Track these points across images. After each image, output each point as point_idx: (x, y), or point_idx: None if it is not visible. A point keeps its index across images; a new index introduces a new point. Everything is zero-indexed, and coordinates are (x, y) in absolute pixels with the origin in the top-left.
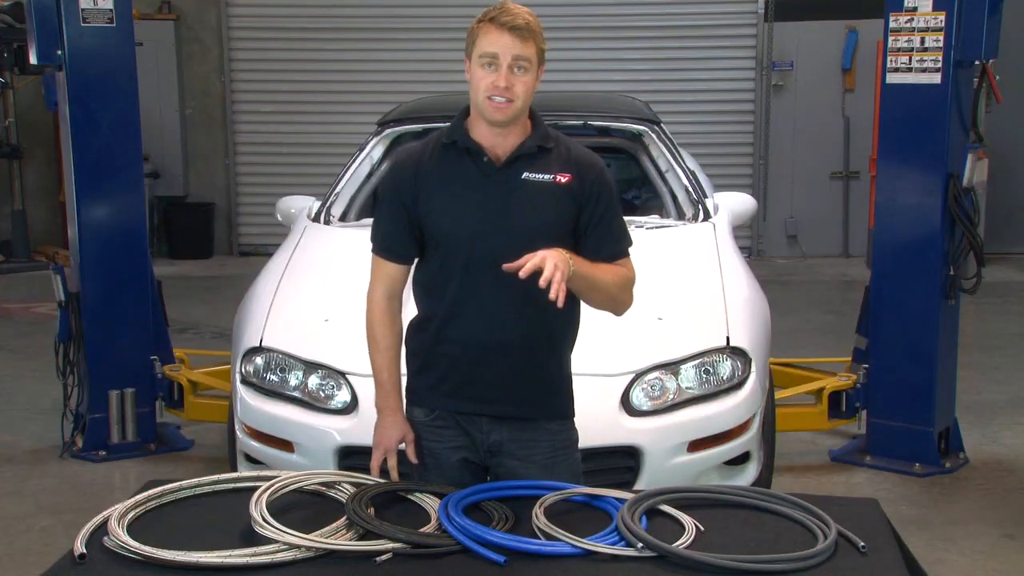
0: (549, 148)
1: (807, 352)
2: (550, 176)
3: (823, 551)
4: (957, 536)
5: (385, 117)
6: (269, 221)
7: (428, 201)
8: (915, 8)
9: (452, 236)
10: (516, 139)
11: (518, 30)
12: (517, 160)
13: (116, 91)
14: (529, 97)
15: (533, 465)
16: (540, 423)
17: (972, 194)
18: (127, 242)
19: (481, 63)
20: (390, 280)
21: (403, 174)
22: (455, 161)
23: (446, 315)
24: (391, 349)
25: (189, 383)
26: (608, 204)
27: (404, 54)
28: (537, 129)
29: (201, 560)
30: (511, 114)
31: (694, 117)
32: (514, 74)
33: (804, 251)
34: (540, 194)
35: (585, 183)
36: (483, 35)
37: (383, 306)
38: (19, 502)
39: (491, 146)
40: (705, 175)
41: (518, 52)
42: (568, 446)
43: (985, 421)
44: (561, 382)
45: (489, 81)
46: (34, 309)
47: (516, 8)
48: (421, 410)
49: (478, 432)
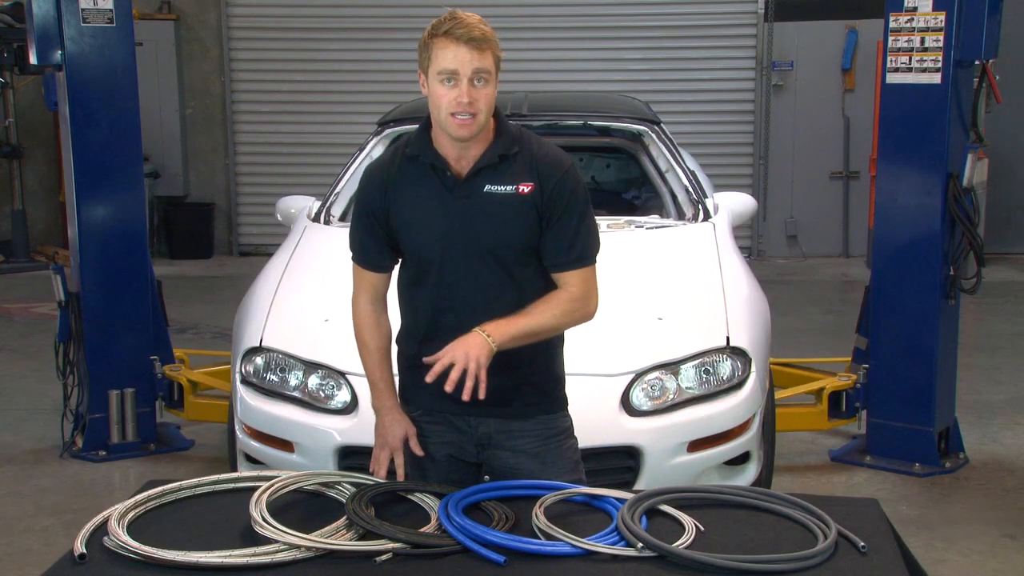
0: (513, 154)
1: (807, 352)
2: (512, 187)
3: (823, 551)
4: (957, 536)
5: (385, 117)
6: (269, 221)
7: (398, 214)
8: (915, 8)
9: (421, 251)
10: (479, 148)
11: (475, 42)
12: (479, 173)
13: (116, 91)
14: (491, 108)
15: (524, 455)
16: (528, 416)
17: (972, 194)
18: (127, 242)
19: (440, 79)
20: (372, 288)
21: (372, 187)
22: (419, 175)
23: (427, 328)
24: (381, 350)
25: (189, 383)
26: (565, 210)
27: (404, 54)
28: (500, 136)
29: (201, 560)
30: (475, 129)
31: (694, 117)
32: (475, 87)
33: (804, 251)
34: (503, 207)
35: (546, 190)
36: (439, 50)
37: (368, 311)
38: (19, 502)
39: (455, 158)
40: (705, 175)
41: (477, 65)
42: (559, 434)
43: (985, 421)
44: (548, 381)
45: (451, 97)
46: (34, 309)
47: (468, 18)
48: (410, 407)
49: (467, 426)
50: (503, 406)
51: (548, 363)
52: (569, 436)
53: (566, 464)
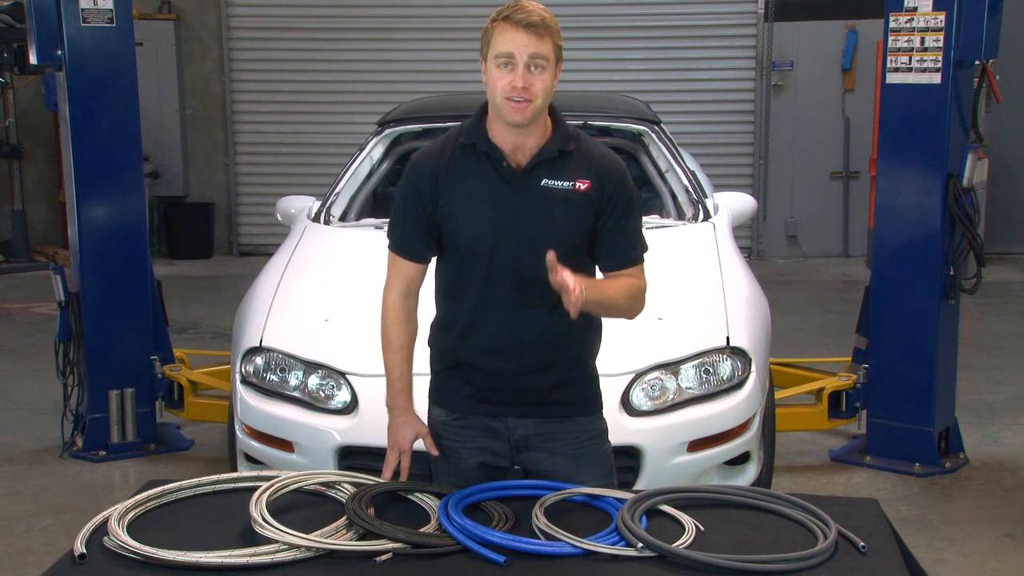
0: (570, 151)
1: (807, 352)
2: (570, 183)
3: (823, 551)
4: (957, 536)
5: (385, 117)
6: (269, 221)
7: (447, 205)
8: (915, 8)
9: (471, 242)
10: (536, 141)
11: (534, 27)
12: (538, 166)
13: (116, 91)
14: (548, 96)
15: (561, 457)
16: (566, 416)
17: (972, 194)
18: (127, 242)
19: (497, 63)
20: (407, 279)
21: (421, 175)
22: (474, 164)
23: (468, 321)
24: (404, 348)
25: (189, 383)
26: (625, 211)
27: (404, 54)
28: (558, 131)
29: (201, 560)
30: (530, 115)
31: (694, 117)
32: (531, 73)
33: (804, 251)
34: (559, 202)
35: (605, 190)
36: (498, 34)
37: (399, 304)
38: (19, 502)
39: (511, 149)
40: (705, 175)
41: (534, 50)
42: (595, 437)
43: (985, 421)
44: (585, 380)
45: (506, 81)
46: (34, 309)
47: (531, 5)
48: (443, 410)
49: (504, 428)
50: (541, 406)
51: (585, 362)
52: (605, 439)
53: (602, 468)
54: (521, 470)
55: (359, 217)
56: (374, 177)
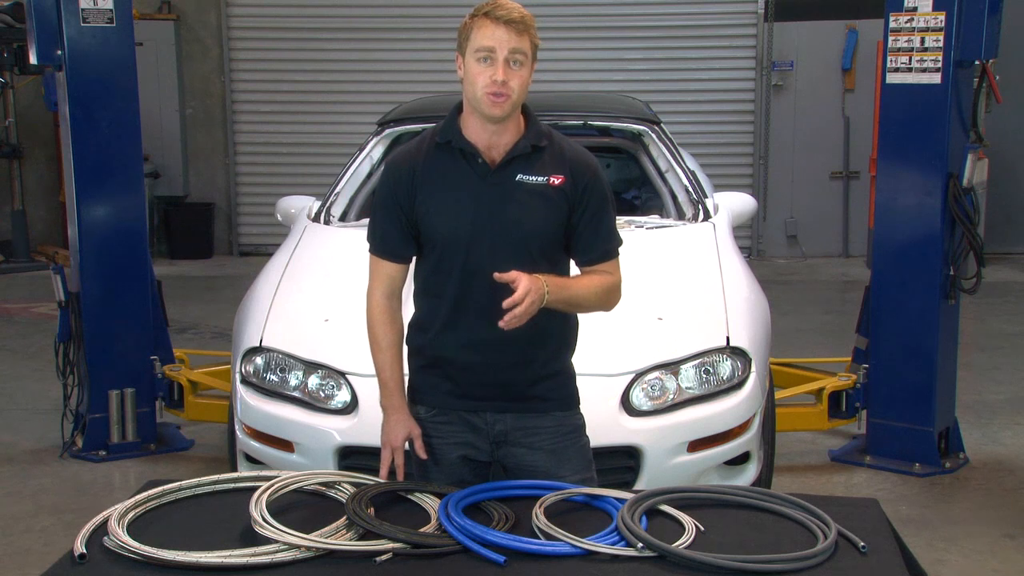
0: (543, 147)
1: (807, 352)
2: (544, 178)
3: (823, 551)
4: (957, 536)
5: (385, 117)
6: (269, 221)
7: (424, 202)
8: (915, 8)
9: (448, 238)
10: (511, 137)
11: (514, 23)
12: (512, 161)
13: (116, 91)
14: (524, 92)
15: (540, 451)
16: (544, 411)
17: (972, 194)
18: (127, 242)
19: (477, 57)
20: (389, 280)
21: (398, 174)
22: (449, 161)
23: (447, 317)
24: (393, 347)
25: (189, 383)
26: (599, 207)
27: (404, 54)
28: (531, 127)
29: (201, 560)
30: (508, 109)
31: (694, 117)
32: (511, 68)
33: (804, 251)
34: (534, 197)
35: (578, 185)
36: (478, 29)
37: (383, 305)
38: (19, 502)
39: (486, 146)
40: (705, 175)
41: (514, 45)
42: (573, 431)
43: (985, 421)
44: (563, 375)
45: (486, 76)
46: (34, 309)
47: (509, 3)
48: (422, 407)
49: (483, 423)
50: (520, 401)
51: (564, 358)
52: (583, 434)
53: (580, 462)
54: (500, 467)
55: (359, 217)
56: (374, 177)
